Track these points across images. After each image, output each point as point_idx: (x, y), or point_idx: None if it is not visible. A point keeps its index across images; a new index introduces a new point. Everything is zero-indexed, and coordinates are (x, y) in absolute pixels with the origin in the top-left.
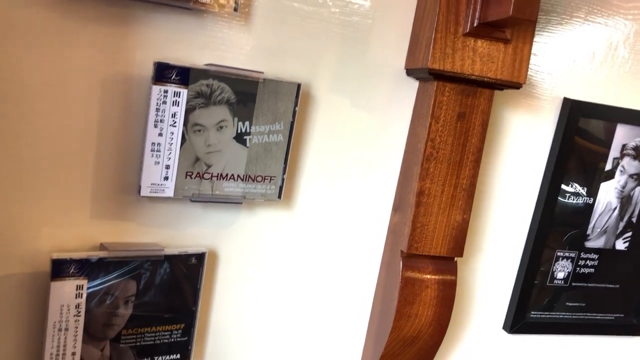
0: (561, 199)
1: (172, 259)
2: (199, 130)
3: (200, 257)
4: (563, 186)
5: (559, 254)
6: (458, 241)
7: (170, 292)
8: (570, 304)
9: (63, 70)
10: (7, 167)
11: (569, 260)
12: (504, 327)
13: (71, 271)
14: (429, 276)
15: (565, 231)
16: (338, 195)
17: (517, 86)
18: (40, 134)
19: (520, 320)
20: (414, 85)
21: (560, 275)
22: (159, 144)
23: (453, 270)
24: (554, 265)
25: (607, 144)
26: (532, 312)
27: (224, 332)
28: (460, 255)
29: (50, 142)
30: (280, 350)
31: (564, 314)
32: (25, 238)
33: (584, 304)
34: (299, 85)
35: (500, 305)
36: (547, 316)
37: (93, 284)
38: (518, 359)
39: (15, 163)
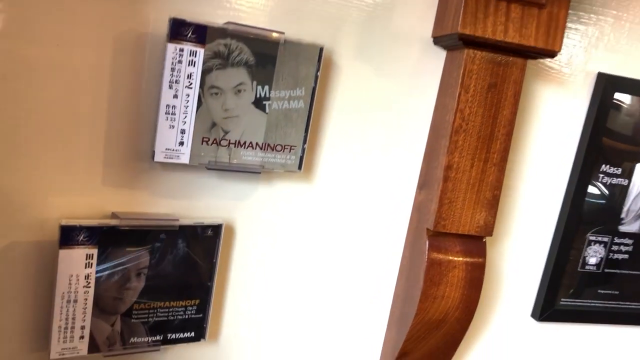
0: (594, 179)
1: (187, 230)
2: (216, 94)
3: (216, 229)
4: (596, 166)
5: (591, 238)
6: (487, 220)
7: (185, 265)
8: (602, 292)
9: (71, 26)
10: (14, 132)
11: (602, 245)
12: (533, 315)
13: (81, 239)
14: (456, 256)
15: (598, 214)
16: (361, 168)
17: (551, 54)
18: (47, 97)
19: (549, 307)
20: (441, 55)
21: (592, 260)
22: (174, 107)
23: (482, 251)
24: (585, 250)
25: None
26: (562, 300)
27: (241, 310)
28: (490, 234)
29: (58, 105)
30: (299, 331)
31: (595, 302)
32: (33, 206)
33: (617, 292)
34: (321, 49)
35: (529, 292)
36: (578, 304)
37: (104, 254)
38: (547, 348)
39: (22, 127)
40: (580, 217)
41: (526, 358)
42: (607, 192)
